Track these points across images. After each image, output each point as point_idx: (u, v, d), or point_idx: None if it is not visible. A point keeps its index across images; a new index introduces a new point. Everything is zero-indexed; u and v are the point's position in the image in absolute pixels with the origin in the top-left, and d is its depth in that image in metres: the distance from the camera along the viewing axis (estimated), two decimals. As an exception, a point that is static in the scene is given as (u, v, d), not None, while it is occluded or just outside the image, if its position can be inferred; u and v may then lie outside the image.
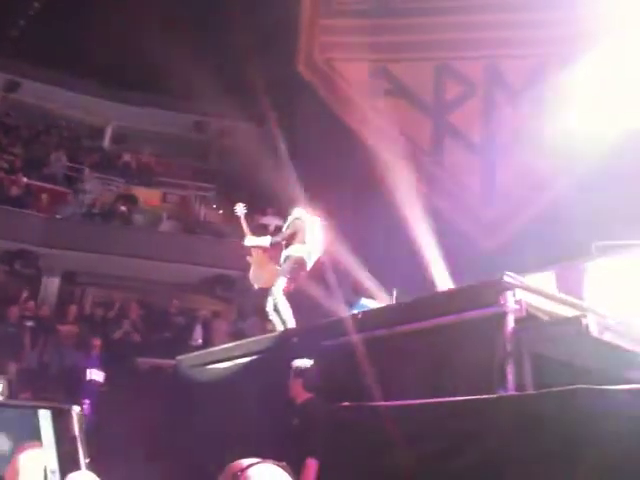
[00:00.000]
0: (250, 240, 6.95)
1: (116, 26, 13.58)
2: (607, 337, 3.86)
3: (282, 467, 1.78)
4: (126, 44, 13.62)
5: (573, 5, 9.95)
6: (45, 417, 2.03)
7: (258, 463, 1.76)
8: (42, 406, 2.07)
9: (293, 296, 6.65)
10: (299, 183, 9.49)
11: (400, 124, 10.73)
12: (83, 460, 1.91)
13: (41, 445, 1.93)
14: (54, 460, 1.96)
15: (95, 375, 7.81)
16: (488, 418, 3.58)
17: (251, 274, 7.03)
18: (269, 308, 6.56)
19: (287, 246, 6.72)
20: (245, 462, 1.76)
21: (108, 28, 14.07)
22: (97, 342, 9.45)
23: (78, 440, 1.94)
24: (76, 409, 2.04)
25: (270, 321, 6.68)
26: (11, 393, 8.01)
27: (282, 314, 6.44)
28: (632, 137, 8.61)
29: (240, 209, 7.11)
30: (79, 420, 2.00)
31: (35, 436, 2.00)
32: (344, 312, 7.11)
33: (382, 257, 8.90)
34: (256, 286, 7.04)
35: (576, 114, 9.53)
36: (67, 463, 1.92)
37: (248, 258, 7.04)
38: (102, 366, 9.39)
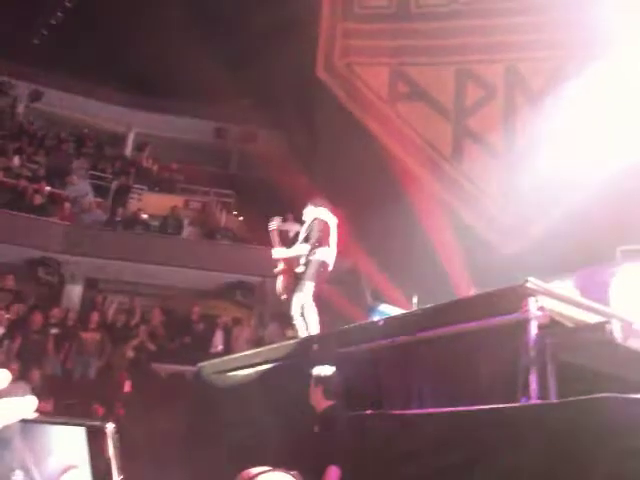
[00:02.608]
0: (279, 252, 6.82)
1: (137, 34, 13.70)
2: (632, 343, 3.79)
3: (293, 475, 1.76)
4: (147, 52, 13.73)
5: (591, 8, 9.87)
6: (79, 435, 2.04)
7: (268, 471, 1.74)
8: (76, 423, 2.07)
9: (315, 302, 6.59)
10: (319, 188, 9.49)
11: (420, 128, 10.71)
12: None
13: (77, 465, 1.95)
14: (88, 479, 1.97)
15: (127, 386, 7.83)
16: (512, 427, 3.52)
17: (279, 285, 6.87)
18: (295, 312, 6.47)
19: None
20: (254, 470, 1.75)
21: (129, 36, 14.21)
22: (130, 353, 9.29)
23: (112, 459, 1.95)
24: (110, 427, 2.04)
25: (293, 326, 6.62)
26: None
27: (308, 320, 6.39)
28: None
29: (274, 223, 6.97)
30: (113, 438, 2.00)
31: (69, 454, 2.00)
32: (365, 319, 7.09)
33: (402, 263, 8.85)
34: (284, 297, 6.86)
35: (598, 115, 9.44)
36: None
37: (275, 270, 6.91)
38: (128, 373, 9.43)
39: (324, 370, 4.79)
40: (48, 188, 13.91)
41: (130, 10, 14.11)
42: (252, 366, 6.25)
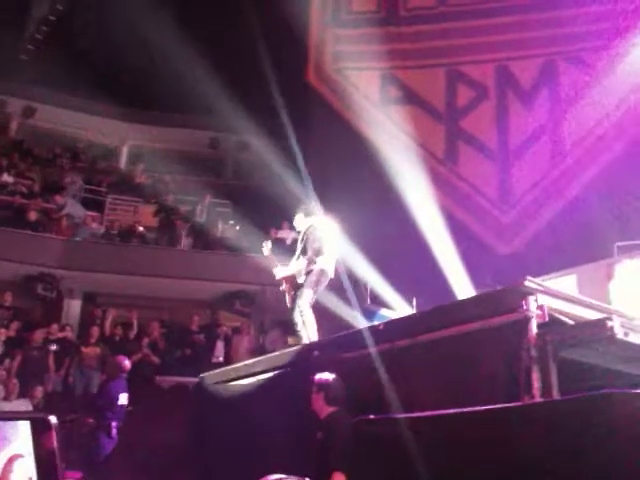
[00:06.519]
0: (281, 271, 6.77)
1: (128, 47, 13.72)
2: (632, 339, 3.78)
3: None
4: (139, 64, 13.76)
5: (577, 4, 9.93)
6: (24, 428, 2.08)
7: (284, 479, 1.78)
8: (21, 417, 2.11)
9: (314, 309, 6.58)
10: (314, 194, 9.50)
11: (413, 131, 10.72)
12: (61, 472, 1.95)
13: (23, 455, 2.00)
14: (33, 471, 2.01)
15: (123, 399, 7.79)
16: (516, 427, 3.51)
17: (289, 302, 6.82)
18: (298, 320, 6.46)
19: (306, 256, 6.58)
20: (271, 477, 1.79)
21: (120, 49, 14.22)
22: (127, 364, 9.20)
23: (56, 451, 1.98)
24: (53, 419, 2.07)
25: (295, 334, 6.60)
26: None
27: (307, 328, 6.39)
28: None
29: (267, 247, 6.93)
30: (56, 431, 2.04)
31: (17, 448, 2.05)
32: (365, 323, 7.07)
33: (400, 266, 8.84)
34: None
35: (591, 109, 9.47)
36: (45, 474, 1.96)
37: (281, 288, 6.88)
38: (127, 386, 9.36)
39: (325, 376, 4.78)
40: (43, 204, 13.89)
41: (118, 22, 14.12)
42: (253, 375, 6.23)
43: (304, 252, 6.58)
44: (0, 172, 14.42)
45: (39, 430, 2.04)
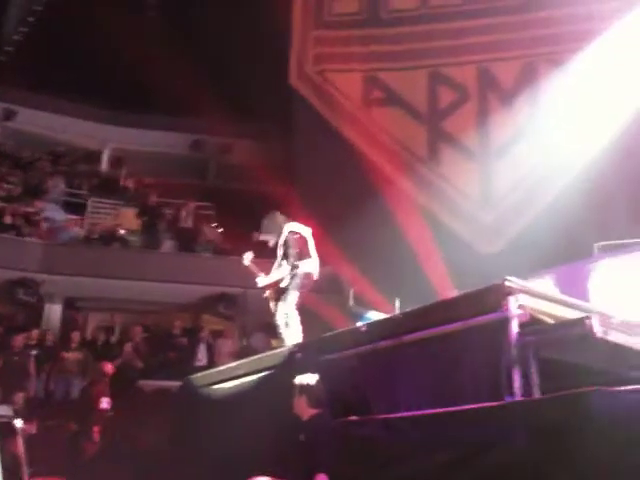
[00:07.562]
0: (264, 279, 6.75)
1: (109, 49, 13.63)
2: (612, 337, 3.82)
3: None
4: (120, 66, 13.67)
5: (558, 5, 10.02)
6: None
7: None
8: None
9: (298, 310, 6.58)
10: (298, 196, 9.49)
11: (395, 133, 10.76)
12: (27, 474, 1.94)
13: None
14: None
15: (105, 403, 7.74)
16: (498, 426, 3.53)
17: (273, 308, 6.82)
18: (281, 322, 6.48)
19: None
20: None
21: (100, 51, 14.13)
22: (110, 368, 9.14)
23: (22, 453, 1.97)
24: (18, 423, 2.06)
25: (278, 336, 6.60)
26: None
27: (293, 330, 6.39)
28: (631, 133, 8.62)
29: (247, 259, 6.92)
30: (22, 434, 2.03)
31: None
32: (348, 325, 7.07)
33: (383, 267, 8.85)
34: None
35: (572, 111, 9.55)
36: (10, 477, 1.96)
37: (265, 295, 6.86)
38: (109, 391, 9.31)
39: (307, 379, 4.77)
40: (24, 207, 13.76)
41: (99, 24, 14.03)
42: (237, 377, 6.22)
43: (286, 258, 6.59)
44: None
45: (4, 434, 2.03)
